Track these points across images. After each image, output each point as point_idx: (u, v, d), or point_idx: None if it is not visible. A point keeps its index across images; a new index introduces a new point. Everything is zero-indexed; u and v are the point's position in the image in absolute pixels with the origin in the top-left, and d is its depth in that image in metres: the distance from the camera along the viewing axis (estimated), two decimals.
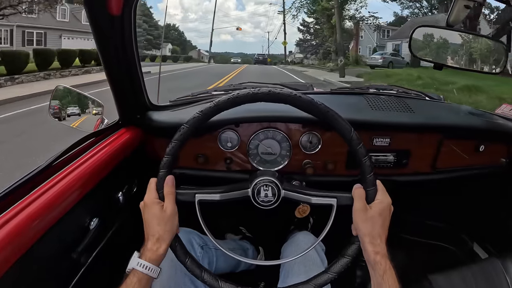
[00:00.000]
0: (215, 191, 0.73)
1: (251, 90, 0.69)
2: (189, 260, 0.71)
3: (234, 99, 0.68)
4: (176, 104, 1.20)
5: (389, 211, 0.67)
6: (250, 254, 1.26)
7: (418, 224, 1.63)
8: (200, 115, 0.69)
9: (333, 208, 0.69)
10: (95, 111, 1.10)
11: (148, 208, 0.69)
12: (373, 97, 1.18)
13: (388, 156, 1.12)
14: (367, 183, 0.67)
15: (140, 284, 0.64)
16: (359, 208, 0.66)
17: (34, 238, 0.63)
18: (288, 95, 0.67)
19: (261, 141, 1.07)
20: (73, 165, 0.81)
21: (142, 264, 0.65)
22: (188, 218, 0.80)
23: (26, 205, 0.65)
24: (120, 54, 0.88)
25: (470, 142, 1.17)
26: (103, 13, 0.77)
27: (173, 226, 0.69)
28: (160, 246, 0.67)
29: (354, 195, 0.67)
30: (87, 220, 0.84)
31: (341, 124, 0.67)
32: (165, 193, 0.69)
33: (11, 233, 0.58)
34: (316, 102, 0.67)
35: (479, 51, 0.93)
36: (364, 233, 0.64)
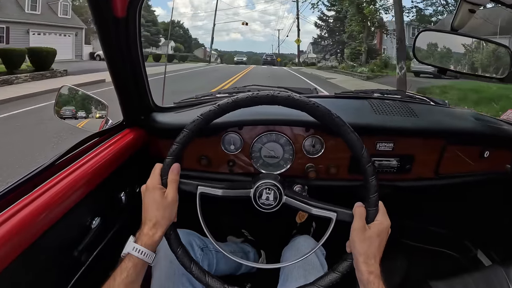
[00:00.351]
0: (218, 186, 0.73)
1: (270, 92, 0.69)
2: (181, 251, 0.71)
3: (252, 98, 0.69)
4: (180, 106, 1.21)
5: (386, 233, 0.67)
6: (252, 257, 1.26)
7: (421, 230, 1.62)
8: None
9: (331, 222, 0.69)
10: (100, 112, 1.12)
11: (149, 192, 0.69)
12: (377, 101, 1.18)
13: (391, 161, 1.11)
14: (370, 203, 0.67)
15: (135, 269, 0.65)
16: (358, 227, 0.66)
17: (36, 235, 0.64)
18: (307, 103, 0.68)
19: (264, 144, 1.07)
20: (76, 164, 0.82)
21: (137, 249, 0.65)
22: (189, 219, 0.80)
23: (28, 203, 0.65)
24: (124, 55, 0.88)
25: (475, 148, 1.16)
26: (108, 15, 0.78)
27: (171, 214, 0.69)
28: (156, 232, 0.67)
29: (354, 213, 0.67)
30: (89, 219, 0.84)
31: (354, 140, 0.67)
32: (169, 180, 0.70)
33: (12, 230, 0.59)
34: (333, 114, 0.68)
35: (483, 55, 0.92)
36: (360, 252, 0.65)
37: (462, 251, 1.54)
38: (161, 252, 0.89)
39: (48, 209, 0.67)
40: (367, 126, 1.06)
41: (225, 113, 0.71)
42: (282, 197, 0.73)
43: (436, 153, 1.13)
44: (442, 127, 1.12)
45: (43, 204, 0.67)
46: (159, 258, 0.89)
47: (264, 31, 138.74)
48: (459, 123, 1.16)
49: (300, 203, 0.73)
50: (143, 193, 0.71)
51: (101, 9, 0.78)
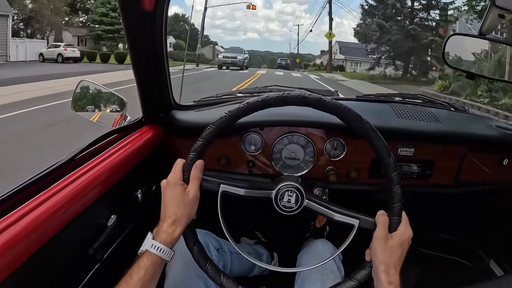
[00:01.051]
0: (240, 185, 0.72)
1: (302, 92, 0.68)
2: (197, 249, 0.70)
3: (283, 98, 0.68)
4: (200, 105, 1.20)
5: (408, 244, 0.66)
6: (265, 259, 1.25)
7: (434, 237, 1.60)
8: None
9: (353, 228, 0.68)
10: (118, 108, 1.11)
11: (170, 188, 0.68)
12: (399, 105, 1.17)
13: (412, 167, 1.10)
14: (393, 212, 0.66)
15: (153, 267, 0.63)
16: (380, 235, 0.65)
17: (53, 231, 0.63)
18: (338, 106, 0.67)
19: (285, 146, 1.06)
20: (95, 160, 0.81)
21: (156, 246, 0.64)
22: (205, 220, 0.79)
23: (46, 198, 0.64)
24: (149, 50, 0.88)
25: (494, 155, 1.14)
26: (136, 7, 0.77)
27: (191, 211, 0.68)
28: (175, 229, 0.66)
29: (377, 221, 0.66)
30: (105, 216, 0.84)
31: (382, 147, 0.66)
32: (191, 176, 0.68)
33: (30, 225, 0.59)
34: (363, 119, 0.66)
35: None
36: (381, 261, 0.64)
37: (475, 260, 1.52)
38: (177, 253, 0.88)
39: (66, 205, 0.67)
40: (390, 129, 1.04)
41: (253, 112, 0.69)
42: (304, 201, 0.72)
43: (456, 160, 1.11)
44: (463, 133, 1.11)
45: (61, 200, 0.66)
46: (174, 259, 0.88)
47: (281, 31, 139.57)
48: (480, 129, 1.15)
49: (322, 208, 0.72)
50: (163, 188, 0.69)
51: (129, 1, 0.77)
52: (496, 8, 0.78)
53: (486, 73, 1.04)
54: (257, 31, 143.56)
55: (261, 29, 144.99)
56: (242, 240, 1.41)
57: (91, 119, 1.11)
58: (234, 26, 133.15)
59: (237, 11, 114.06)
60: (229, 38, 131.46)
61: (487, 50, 1.24)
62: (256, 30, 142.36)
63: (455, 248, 1.57)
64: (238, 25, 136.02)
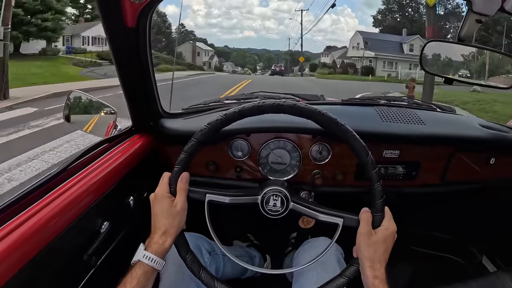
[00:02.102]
0: (226, 193, 0.75)
1: (276, 101, 0.71)
2: (190, 257, 0.72)
3: (258, 107, 0.70)
4: (188, 112, 1.22)
5: (392, 238, 0.68)
6: (257, 261, 1.27)
7: (426, 235, 1.62)
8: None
9: (338, 227, 0.71)
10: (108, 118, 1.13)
11: (158, 201, 0.71)
12: (383, 108, 1.18)
13: (397, 168, 1.12)
14: (376, 209, 0.69)
15: (145, 276, 0.66)
16: (364, 231, 0.67)
17: (47, 240, 0.65)
18: (312, 111, 0.69)
19: (272, 151, 1.08)
20: (87, 170, 0.84)
21: (148, 256, 0.67)
22: (197, 223, 0.81)
23: (40, 208, 0.67)
24: (134, 63, 0.90)
25: (481, 154, 1.16)
26: (119, 25, 0.79)
27: (180, 222, 0.71)
28: (166, 240, 0.69)
29: (361, 218, 0.68)
30: (98, 223, 0.86)
31: (360, 146, 0.68)
32: (178, 188, 0.71)
33: (25, 235, 0.61)
34: (338, 122, 0.69)
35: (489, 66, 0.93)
36: (366, 257, 0.66)
37: (467, 257, 1.54)
38: (169, 257, 0.90)
39: (60, 214, 0.69)
40: (373, 133, 1.06)
41: (232, 122, 0.72)
42: (289, 204, 0.74)
43: (442, 160, 1.13)
44: (448, 135, 1.12)
45: (55, 209, 0.68)
46: (167, 262, 0.90)
47: (278, 29, 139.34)
48: (466, 130, 1.16)
49: (306, 209, 0.74)
50: (152, 201, 0.72)
51: (112, 19, 0.79)
52: (474, 14, 0.79)
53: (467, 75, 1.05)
54: (254, 29, 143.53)
55: (257, 27, 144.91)
56: (235, 243, 1.43)
57: (83, 129, 1.12)
58: (230, 25, 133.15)
59: (233, 9, 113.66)
60: (225, 36, 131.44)
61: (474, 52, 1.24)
62: (253, 28, 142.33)
63: (448, 245, 1.59)
64: (235, 23, 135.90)
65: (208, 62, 47.32)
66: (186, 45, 43.49)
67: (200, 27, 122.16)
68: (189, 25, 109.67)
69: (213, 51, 52.46)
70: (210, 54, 49.53)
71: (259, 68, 77.99)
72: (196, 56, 44.03)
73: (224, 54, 65.12)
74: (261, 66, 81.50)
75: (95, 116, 1.15)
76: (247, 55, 74.91)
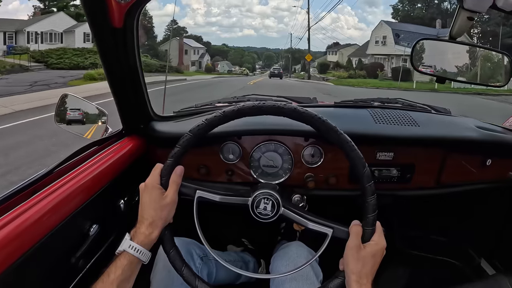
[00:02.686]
0: (216, 191, 0.74)
1: (277, 103, 0.70)
2: (173, 252, 0.72)
3: (259, 108, 0.70)
4: (179, 115, 1.22)
5: (381, 254, 0.67)
6: (251, 266, 1.25)
7: (423, 239, 1.60)
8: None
9: (327, 238, 0.69)
10: (100, 120, 1.12)
11: (148, 191, 0.70)
12: (377, 110, 1.18)
13: (391, 171, 1.11)
14: (367, 222, 0.67)
15: (130, 266, 0.66)
16: (353, 245, 0.66)
17: (33, 241, 0.64)
18: (312, 116, 0.69)
19: (263, 154, 1.07)
20: (75, 172, 0.82)
21: (133, 247, 0.66)
22: (189, 228, 0.80)
23: (26, 209, 0.66)
24: (123, 64, 0.89)
25: (476, 156, 1.15)
26: (106, 25, 0.79)
27: (168, 215, 0.70)
28: (152, 231, 0.68)
29: (351, 231, 0.67)
30: (87, 226, 0.85)
31: (357, 158, 0.68)
32: (170, 180, 0.71)
33: (10, 236, 0.60)
34: (338, 130, 0.68)
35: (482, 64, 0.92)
36: (353, 271, 0.64)
37: (466, 260, 1.53)
38: (160, 261, 0.88)
39: (46, 215, 0.68)
40: (366, 135, 1.06)
41: (230, 120, 0.71)
42: (280, 208, 0.73)
43: (437, 163, 1.12)
44: (442, 136, 1.11)
45: (41, 210, 0.67)
46: (157, 268, 0.89)
47: (277, 27, 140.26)
48: (460, 132, 1.15)
49: (297, 216, 0.73)
50: (141, 191, 0.72)
51: (99, 20, 0.79)
52: (465, 11, 0.79)
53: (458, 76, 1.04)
54: (253, 27, 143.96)
55: (257, 25, 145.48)
56: (229, 248, 1.41)
57: (73, 132, 1.11)
58: (230, 23, 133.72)
59: (233, 8, 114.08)
60: (225, 35, 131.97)
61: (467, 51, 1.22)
62: (252, 26, 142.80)
63: (446, 248, 1.57)
64: (234, 21, 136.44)
65: (198, 62, 41.68)
66: (172, 42, 36.76)
67: (200, 26, 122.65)
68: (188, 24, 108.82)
69: (204, 48, 44.91)
70: (201, 52, 42.64)
71: (258, 67, 75.71)
72: (183, 55, 38.27)
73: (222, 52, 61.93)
74: (261, 65, 78.87)
75: (86, 118, 1.14)
76: (245, 54, 71.84)
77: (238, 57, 66.44)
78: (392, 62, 23.30)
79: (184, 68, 34.58)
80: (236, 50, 70.94)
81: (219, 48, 67.56)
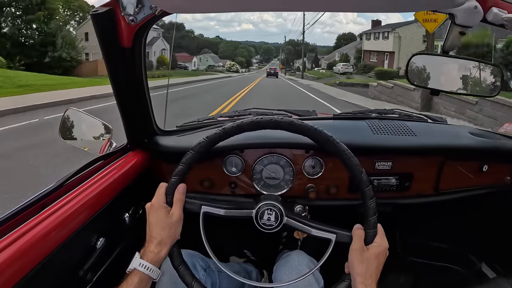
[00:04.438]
0: (221, 206, 0.76)
1: (274, 117, 0.73)
2: (182, 268, 0.73)
3: (257, 123, 0.73)
4: (182, 130, 1.24)
5: (384, 255, 0.69)
6: (254, 277, 1.25)
7: (424, 245, 1.61)
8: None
9: (331, 243, 0.71)
10: (104, 135, 1.14)
11: (154, 211, 0.72)
12: (375, 121, 1.21)
13: (390, 180, 1.13)
14: (368, 225, 0.70)
15: (140, 284, 0.67)
16: (356, 248, 0.68)
17: (42, 256, 0.66)
18: (309, 128, 0.72)
19: (265, 166, 1.09)
20: (82, 186, 0.85)
21: (144, 265, 0.68)
22: (192, 240, 0.82)
23: (35, 224, 0.68)
24: (130, 81, 0.92)
25: (473, 163, 1.17)
26: (116, 45, 0.83)
27: (176, 232, 0.72)
28: (161, 250, 0.70)
29: (353, 234, 0.69)
30: (93, 239, 0.86)
31: (354, 165, 0.71)
32: (174, 199, 0.72)
33: (20, 251, 0.62)
34: (334, 140, 0.71)
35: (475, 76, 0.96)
36: (358, 273, 0.66)
37: (467, 265, 1.54)
38: (166, 273, 0.89)
39: (54, 230, 0.70)
40: (365, 146, 1.08)
41: (230, 137, 0.74)
42: (283, 218, 0.75)
43: (435, 170, 1.14)
44: (439, 144, 1.14)
45: (50, 225, 0.69)
46: (162, 280, 0.90)
47: (276, 22, 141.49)
48: (457, 140, 1.18)
49: (300, 224, 0.75)
50: (148, 211, 0.73)
51: (109, 40, 0.82)
52: (457, 26, 0.82)
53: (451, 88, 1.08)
54: (252, 22, 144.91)
55: (255, 20, 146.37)
56: (232, 259, 1.42)
57: (78, 146, 1.13)
58: (228, 18, 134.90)
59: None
60: (223, 29, 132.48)
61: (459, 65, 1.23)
62: (251, 21, 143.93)
63: (446, 254, 1.58)
64: (233, 16, 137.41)
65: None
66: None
67: (198, 20, 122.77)
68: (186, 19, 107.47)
69: (159, 31, 30.87)
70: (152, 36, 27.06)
71: (256, 62, 69.59)
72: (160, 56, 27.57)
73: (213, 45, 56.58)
74: (258, 59, 71.92)
75: (90, 133, 1.16)
76: (240, 46, 66.52)
77: (231, 49, 60.58)
78: None
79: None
80: (228, 42, 66.26)
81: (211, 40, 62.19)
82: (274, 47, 72.23)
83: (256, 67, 61.56)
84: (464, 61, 0.95)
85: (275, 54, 74.62)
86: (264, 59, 73.16)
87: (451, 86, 0.96)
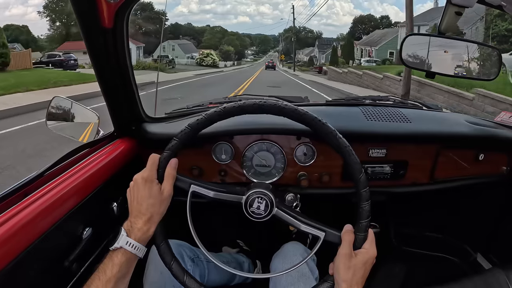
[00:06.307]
0: (210, 187, 0.73)
1: (277, 102, 0.69)
2: (164, 245, 0.71)
3: (260, 106, 0.69)
4: (171, 116, 1.21)
5: (371, 263, 0.66)
6: (246, 267, 1.24)
7: (419, 235, 1.61)
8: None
9: (319, 240, 0.69)
10: (91, 123, 1.11)
11: (147, 185, 0.68)
12: (369, 108, 1.18)
13: (384, 167, 1.11)
14: (360, 228, 0.67)
15: (127, 263, 0.65)
16: (344, 253, 0.65)
17: (25, 244, 0.63)
18: (313, 119, 0.68)
19: (256, 153, 1.07)
20: (66, 174, 0.81)
21: (131, 244, 0.65)
22: (179, 230, 0.79)
23: (17, 212, 0.65)
24: (113, 65, 0.88)
25: (469, 151, 1.16)
26: (96, 26, 0.79)
27: (165, 209, 0.69)
28: (150, 227, 0.67)
29: (343, 238, 0.66)
30: (80, 229, 0.84)
31: (354, 163, 0.67)
32: (166, 173, 0.69)
33: (1, 239, 0.59)
34: (337, 134, 0.68)
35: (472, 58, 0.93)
36: (343, 279, 0.64)
37: (462, 255, 1.53)
38: (152, 263, 0.87)
39: (38, 218, 0.67)
40: (358, 133, 1.06)
41: (230, 116, 0.71)
42: (273, 209, 0.73)
43: (430, 158, 1.13)
44: (434, 132, 1.12)
45: (33, 213, 0.66)
46: (149, 270, 0.88)
47: (273, 14, 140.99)
48: (452, 127, 1.16)
49: (289, 217, 0.72)
50: (137, 183, 0.69)
51: (88, 20, 0.78)
52: (453, 6, 0.79)
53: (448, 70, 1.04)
54: (248, 14, 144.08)
55: (252, 12, 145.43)
56: (224, 250, 1.40)
57: (65, 134, 1.10)
58: (224, 10, 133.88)
59: None
60: (220, 22, 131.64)
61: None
62: (247, 13, 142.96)
63: (441, 244, 1.58)
64: (229, 9, 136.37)
65: None
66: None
67: (194, 13, 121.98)
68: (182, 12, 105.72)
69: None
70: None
71: (251, 53, 63.11)
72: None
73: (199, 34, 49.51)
74: (254, 51, 66.44)
75: (77, 121, 1.13)
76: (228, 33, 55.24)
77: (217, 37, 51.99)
78: None
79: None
80: (213, 28, 57.79)
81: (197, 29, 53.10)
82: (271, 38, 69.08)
83: (251, 59, 57.64)
84: (462, 43, 0.92)
85: (272, 45, 71.37)
86: (260, 50, 69.63)
87: (447, 69, 0.93)
